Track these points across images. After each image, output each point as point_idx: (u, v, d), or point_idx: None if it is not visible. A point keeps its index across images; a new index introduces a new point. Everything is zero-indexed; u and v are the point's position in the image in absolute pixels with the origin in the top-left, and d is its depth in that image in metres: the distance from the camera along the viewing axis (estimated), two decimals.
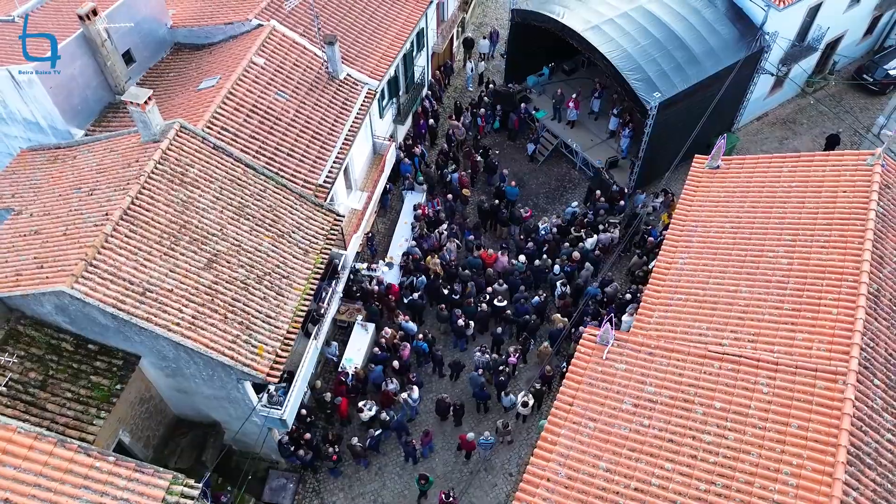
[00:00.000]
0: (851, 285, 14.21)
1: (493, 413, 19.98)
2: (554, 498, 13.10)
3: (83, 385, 14.73)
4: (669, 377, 14.15)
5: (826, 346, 13.47)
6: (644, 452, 13.19)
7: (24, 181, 18.33)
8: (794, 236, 15.93)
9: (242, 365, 14.71)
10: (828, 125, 27.56)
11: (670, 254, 17.05)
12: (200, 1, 23.46)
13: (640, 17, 22.73)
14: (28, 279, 14.55)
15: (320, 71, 20.58)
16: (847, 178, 16.52)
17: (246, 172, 17.33)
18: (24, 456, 12.18)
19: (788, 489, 11.75)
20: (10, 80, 18.93)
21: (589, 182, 24.65)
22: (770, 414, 12.85)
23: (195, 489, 13.20)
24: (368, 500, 18.60)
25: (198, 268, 15.41)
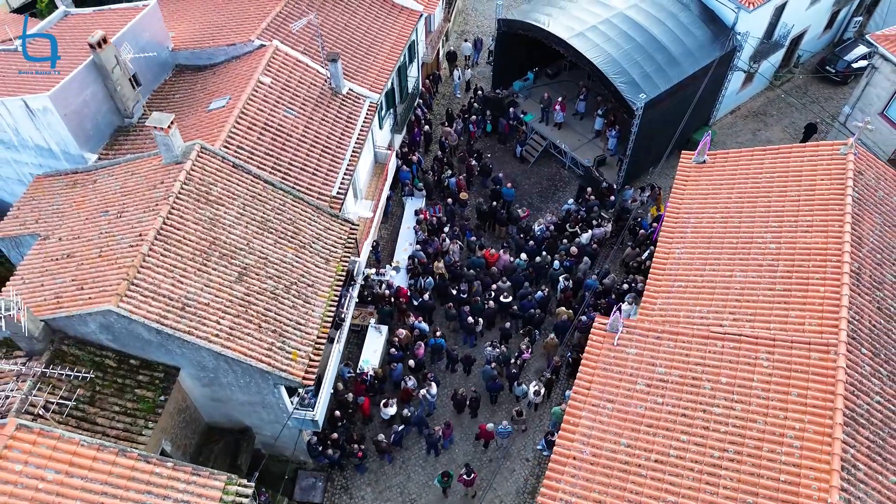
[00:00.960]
0: (835, 265, 15.68)
1: (506, 403, 21.12)
2: (581, 475, 14.29)
3: (129, 398, 15.48)
4: (677, 358, 15.45)
5: (817, 322, 14.90)
6: (660, 427, 14.46)
7: (46, 206, 18.92)
8: (779, 223, 17.38)
9: (279, 370, 15.62)
10: (796, 116, 29.33)
11: (667, 245, 18.39)
12: (198, 23, 24.15)
13: (621, 22, 24.10)
14: (70, 301, 15.24)
15: (324, 87, 21.49)
16: (823, 167, 18.05)
17: (265, 188, 18.20)
18: (90, 467, 12.98)
19: (794, 451, 13.11)
20: (25, 109, 19.47)
21: (580, 180, 25.95)
22: (771, 385, 14.22)
23: (248, 488, 14.14)
24: (395, 492, 19.60)
25: (230, 281, 16.26)
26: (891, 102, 23.95)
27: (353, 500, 19.57)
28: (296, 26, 20.35)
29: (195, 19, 24.56)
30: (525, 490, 19.62)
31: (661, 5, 24.84)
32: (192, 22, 24.37)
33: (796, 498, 12.54)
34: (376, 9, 24.64)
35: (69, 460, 12.86)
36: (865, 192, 17.43)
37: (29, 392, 14.53)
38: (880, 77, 23.84)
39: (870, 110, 24.64)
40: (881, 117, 24.33)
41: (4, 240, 18.97)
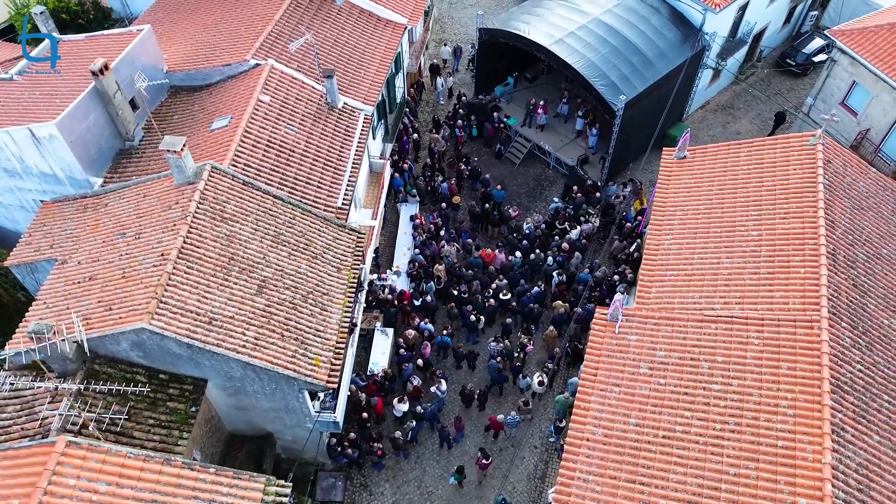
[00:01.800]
0: (813, 248, 17.11)
1: (512, 395, 22.22)
2: (595, 454, 15.44)
3: (162, 411, 16.16)
4: (675, 341, 16.71)
5: (800, 300, 16.28)
6: (665, 406, 15.68)
7: (59, 231, 19.42)
8: (759, 211, 18.78)
9: (305, 376, 16.46)
10: (762, 108, 31.03)
11: (656, 237, 19.67)
12: (189, 44, 24.73)
13: (597, 27, 25.39)
14: (100, 321, 15.86)
15: (320, 102, 22.31)
16: (795, 157, 19.51)
17: (275, 203, 18.98)
18: (138, 477, 13.69)
19: (788, 419, 14.43)
20: (30, 138, 19.90)
21: (565, 179, 27.19)
22: (763, 361, 15.54)
23: (286, 488, 14.98)
24: (413, 486, 20.55)
25: (251, 294, 17.04)
26: (850, 92, 25.63)
27: (372, 496, 20.46)
28: (294, 46, 21.11)
29: (185, 40, 25.12)
30: (535, 475, 20.75)
31: (634, 9, 26.21)
32: (183, 43, 24.93)
33: (793, 461, 13.84)
34: (363, 23, 25.52)
35: (118, 472, 13.56)
36: (835, 179, 18.92)
37: (67, 410, 15.14)
38: (839, 69, 25.53)
39: (831, 100, 26.34)
40: (841, 106, 26.02)
41: (20, 266, 19.39)
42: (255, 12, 24.84)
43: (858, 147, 25.37)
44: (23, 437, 15.40)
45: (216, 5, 26.66)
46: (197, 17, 26.62)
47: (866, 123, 25.32)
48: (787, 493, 13.44)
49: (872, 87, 24.56)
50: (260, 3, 25.29)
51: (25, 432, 15.48)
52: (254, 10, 24.97)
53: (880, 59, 23.85)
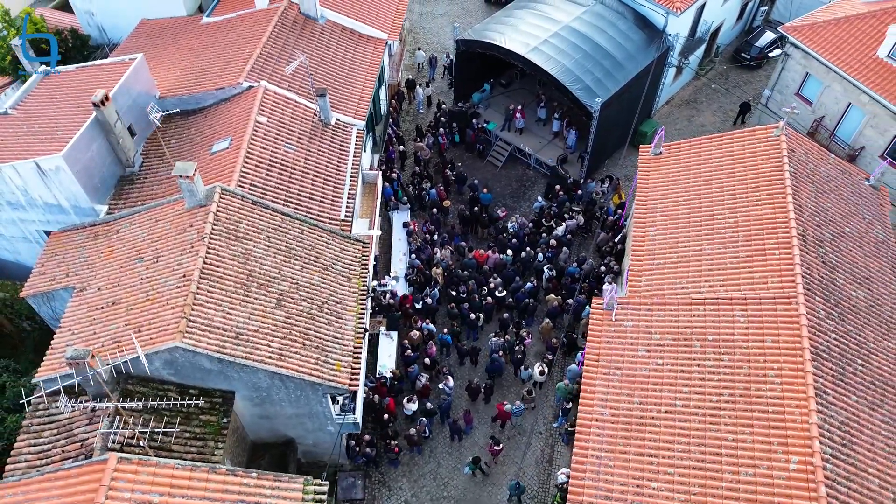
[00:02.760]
0: (785, 231, 18.79)
1: (514, 386, 23.51)
2: (605, 433, 16.83)
3: (196, 424, 16.99)
4: (668, 324, 18.21)
5: (777, 279, 17.93)
6: (664, 384, 17.16)
7: (73, 260, 20.02)
8: (733, 199, 20.43)
9: (328, 381, 17.48)
10: (722, 100, 32.96)
11: (641, 229, 21.18)
12: (179, 69, 25.38)
13: (569, 34, 26.86)
14: (130, 343, 16.61)
15: (314, 120, 23.25)
16: (762, 148, 21.23)
17: (284, 220, 19.91)
18: (188, 486, 14.57)
19: (776, 386, 16.01)
20: (36, 171, 20.42)
21: (548, 178, 28.62)
22: (749, 336, 17.13)
23: (324, 485, 16.00)
24: (429, 479, 21.69)
25: (271, 308, 17.97)
26: (804, 83, 27.61)
27: (391, 492, 21.53)
28: (290, 69, 22.01)
29: (174, 66, 25.76)
30: (543, 459, 22.10)
31: (601, 15, 27.78)
32: (172, 69, 25.56)
33: (784, 424, 15.40)
34: (346, 41, 26.50)
35: (169, 483, 14.41)
36: (799, 167, 20.68)
37: (108, 429, 15.88)
38: (793, 62, 27.50)
39: (787, 91, 28.33)
40: (797, 97, 28.02)
41: (36, 296, 19.92)
42: (241, 35, 25.65)
43: (815, 133, 27.37)
44: (64, 459, 16.11)
45: (200, 30, 27.39)
46: (182, 42, 27.27)
47: (820, 111, 27.33)
48: (781, 453, 14.99)
49: (824, 78, 26.56)
50: (243, 26, 26.12)
51: (67, 454, 16.19)
52: (239, 34, 25.78)
53: (830, 52, 25.84)
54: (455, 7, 37.63)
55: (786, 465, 14.81)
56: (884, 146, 25.49)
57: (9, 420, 18.67)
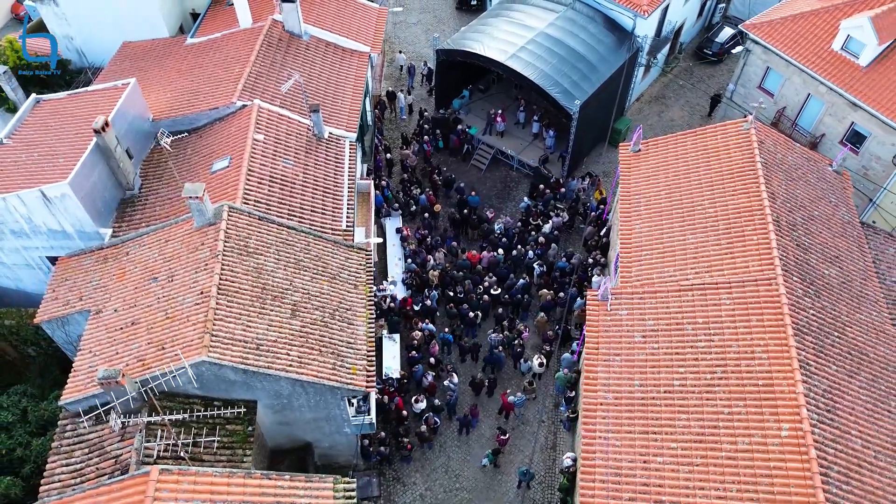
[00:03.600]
0: (761, 217, 20.27)
1: (514, 379, 24.65)
2: (610, 415, 18.06)
3: (223, 434, 17.72)
4: (660, 310, 19.53)
5: (757, 263, 19.38)
6: (661, 366, 18.46)
7: (85, 284, 20.52)
8: (711, 190, 21.87)
9: (346, 384, 18.37)
10: (689, 95, 34.63)
11: (627, 222, 22.50)
12: (169, 91, 25.90)
13: (544, 40, 28.11)
14: (156, 360, 17.28)
15: (308, 135, 24.04)
16: (734, 141, 22.74)
17: (290, 233, 20.71)
18: (227, 492, 15.35)
19: (763, 361, 17.43)
20: (41, 199, 20.84)
21: (530, 179, 29.85)
22: (736, 317, 18.53)
23: (352, 483, 16.91)
24: (441, 473, 22.71)
25: (286, 318, 18.78)
26: (765, 77, 29.33)
27: (406, 487, 22.49)
28: (285, 88, 22.76)
29: (163, 88, 26.24)
30: (547, 446, 23.30)
31: (573, 20, 29.10)
32: (162, 91, 26.04)
33: (773, 395, 16.81)
34: (331, 56, 27.32)
35: (209, 489, 15.18)
36: (769, 157, 22.23)
37: (141, 444, 16.55)
38: (754, 57, 29.20)
39: (750, 85, 30.03)
40: (759, 89, 29.74)
41: (51, 321, 20.35)
42: (228, 55, 26.27)
43: (778, 123, 29.10)
44: (99, 476, 16.69)
45: (185, 51, 27.90)
46: (168, 63, 27.75)
47: (782, 102, 29.07)
48: (773, 422, 16.39)
49: (784, 71, 28.29)
50: (230, 46, 26.74)
51: (102, 471, 16.77)
52: (226, 54, 26.40)
53: (788, 47, 27.56)
54: (427, 16, 38.66)
55: (778, 433, 16.20)
56: (842, 133, 27.30)
57: (34, 444, 19.13)
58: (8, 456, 18.82)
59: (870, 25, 24.98)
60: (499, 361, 24.12)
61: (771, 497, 15.33)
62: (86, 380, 17.91)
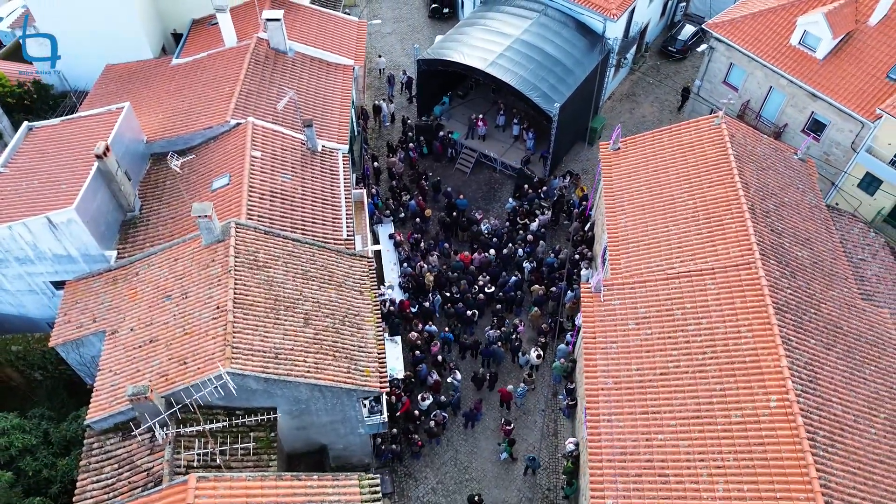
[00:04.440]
0: (737, 206, 21.74)
1: (514, 371, 25.82)
2: (611, 398, 19.32)
3: (247, 441, 18.50)
4: (650, 298, 20.87)
5: (736, 249, 20.82)
6: (655, 350, 19.79)
7: (97, 306, 21.04)
8: (689, 183, 23.31)
9: (361, 386, 19.30)
10: (657, 92, 36.24)
11: (613, 218, 23.80)
12: (160, 112, 26.41)
13: (521, 47, 29.33)
14: (179, 375, 18.00)
15: (302, 149, 24.84)
16: (707, 136, 24.23)
17: (295, 245, 21.52)
18: (261, 494, 16.17)
19: (749, 340, 18.84)
20: (47, 226, 21.28)
21: (514, 179, 31.06)
22: (721, 300, 19.94)
23: (376, 478, 17.83)
24: (450, 466, 23.76)
25: (300, 327, 19.63)
26: (729, 72, 31.01)
27: (417, 482, 23.48)
28: (281, 105, 23.54)
29: (153, 109, 26.72)
30: (549, 433, 24.52)
31: (546, 26, 30.39)
32: (153, 112, 26.51)
33: (759, 369, 18.23)
34: (316, 71, 28.12)
35: (245, 493, 15.98)
36: (740, 149, 23.77)
37: (171, 455, 17.26)
38: (718, 54, 30.85)
39: (715, 80, 31.69)
40: (724, 84, 31.41)
41: (65, 344, 20.83)
42: (216, 74, 26.89)
43: (743, 116, 30.79)
44: (132, 490, 17.35)
45: (172, 72, 28.40)
46: (155, 84, 28.23)
47: (746, 96, 30.77)
48: (762, 395, 17.81)
49: (747, 67, 29.99)
50: (217, 65, 27.34)
51: (134, 484, 17.43)
52: (215, 73, 27.01)
53: (749, 43, 29.24)
54: (401, 25, 39.63)
55: (766, 404, 17.62)
56: (803, 122, 29.08)
57: (60, 464, 19.62)
58: (35, 477, 19.29)
59: (824, 21, 26.74)
60: (498, 356, 25.25)
61: (765, 463, 16.73)
62: (109, 398, 18.52)
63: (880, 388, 19.11)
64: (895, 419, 18.41)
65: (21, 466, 19.23)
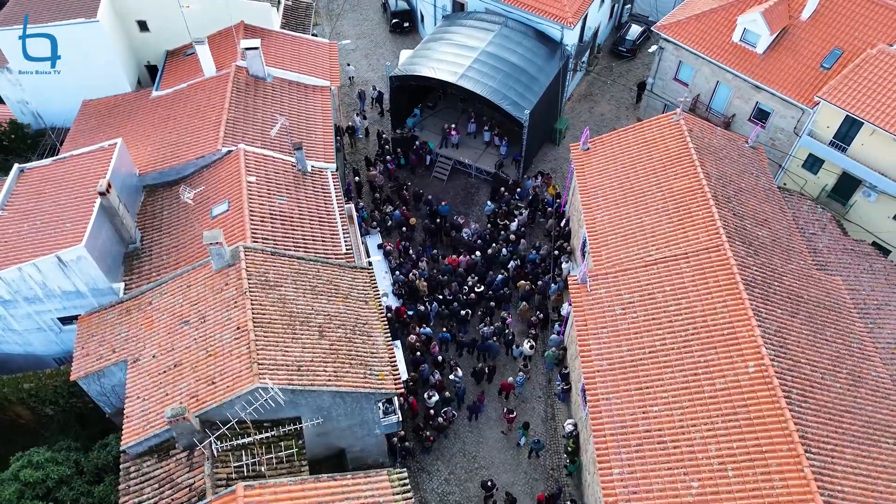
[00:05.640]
0: (702, 194, 23.96)
1: (509, 364, 27.57)
2: (608, 379, 21.24)
3: (278, 451, 19.73)
4: (633, 284, 22.89)
5: (705, 234, 23.03)
6: (642, 331, 21.79)
7: (114, 337, 21.87)
8: (656, 177, 25.46)
9: (379, 389, 20.74)
10: (613, 90, 38.55)
11: (590, 213, 25.78)
12: (148, 145, 27.18)
13: (487, 58, 31.11)
14: (210, 395, 19.12)
15: (293, 171, 26.04)
16: (668, 132, 26.44)
17: (300, 263, 22.77)
18: (303, 496, 17.49)
19: (724, 314, 20.99)
20: (57, 264, 22.00)
21: (490, 183, 32.83)
22: (696, 281, 22.08)
23: (403, 472, 19.30)
24: (460, 457, 25.36)
25: (315, 339, 20.92)
26: (678, 70, 33.44)
27: (431, 475, 25.01)
28: (274, 132, 24.70)
29: (141, 142, 27.45)
30: (547, 417, 26.36)
31: (508, 37, 32.24)
32: (141, 146, 27.24)
33: (736, 339, 20.38)
34: (296, 94, 29.29)
35: (289, 496, 17.27)
36: (698, 142, 26.05)
37: (211, 470, 18.39)
38: (667, 54, 33.25)
39: (666, 78, 34.11)
40: (675, 81, 33.85)
41: (87, 377, 21.59)
42: (200, 104, 27.82)
43: (695, 109, 33.27)
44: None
45: (153, 104, 29.17)
46: (138, 117, 28.95)
47: (695, 91, 33.26)
48: (740, 362, 19.97)
49: (694, 64, 32.46)
50: (199, 95, 28.25)
51: (177, 500, 18.50)
52: (198, 103, 27.94)
53: (695, 42, 31.68)
54: (365, 41, 40.97)
55: (745, 370, 19.80)
56: (749, 111, 31.70)
57: (96, 491, 20.45)
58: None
59: (762, 19, 29.33)
60: (493, 350, 26.97)
61: (749, 422, 18.87)
62: (142, 423, 19.50)
63: (840, 347, 21.55)
64: (856, 373, 20.84)
65: (59, 497, 20.01)
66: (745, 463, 18.26)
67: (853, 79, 27.51)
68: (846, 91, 27.36)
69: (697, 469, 18.62)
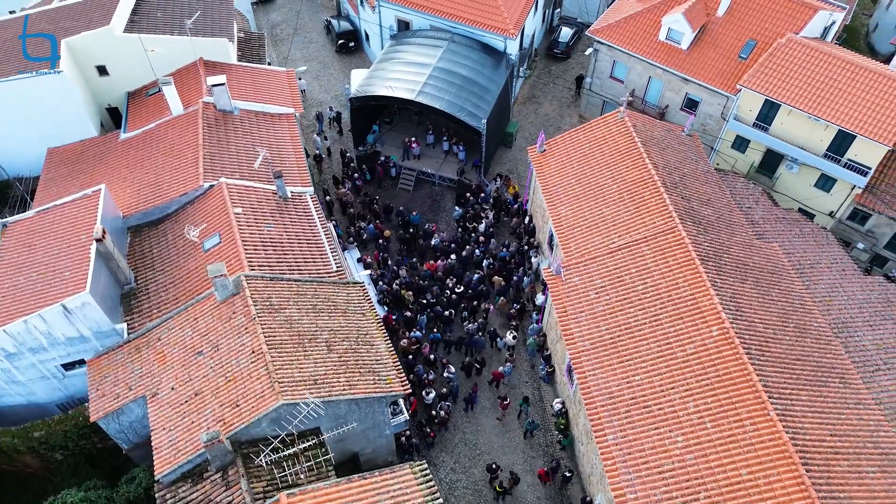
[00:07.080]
0: (652, 183, 26.70)
1: (496, 355, 29.73)
2: (592, 357, 23.64)
3: (304, 460, 21.25)
4: (602, 270, 25.41)
5: (660, 218, 25.72)
6: (616, 311, 24.31)
7: (127, 376, 22.83)
8: (610, 170, 28.08)
9: (388, 392, 22.53)
10: (553, 90, 41.23)
11: (555, 210, 28.19)
12: (127, 186, 27.93)
13: (440, 74, 33.13)
14: (236, 416, 20.48)
15: (275, 198, 27.40)
16: (615, 129, 29.13)
17: (299, 285, 24.24)
18: (338, 496, 19.14)
19: (686, 289, 23.71)
20: (62, 313, 22.79)
21: (455, 189, 34.90)
22: (659, 261, 24.75)
23: (423, 463, 21.15)
24: (461, 447, 27.36)
25: (325, 353, 22.51)
26: (613, 68, 36.35)
27: (437, 467, 26.92)
28: (257, 164, 25.99)
29: (117, 184, 28.11)
30: (535, 400, 28.67)
31: (457, 52, 34.35)
32: (119, 188, 27.94)
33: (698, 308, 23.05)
34: (264, 124, 30.55)
35: (326, 499, 18.90)
36: (643, 136, 28.83)
37: (248, 486, 19.78)
38: (602, 55, 36.10)
39: (603, 76, 36.98)
40: (611, 79, 36.76)
41: (107, 416, 22.47)
42: (173, 142, 28.74)
43: (632, 103, 36.22)
44: None
45: (123, 147, 29.83)
46: (109, 161, 29.58)
47: (631, 86, 36.24)
48: (705, 328, 22.68)
49: (627, 62, 35.41)
50: (171, 134, 29.11)
51: None
52: (170, 141, 28.85)
53: (626, 43, 34.62)
54: (313, 63, 42.29)
55: (710, 335, 22.56)
56: (680, 102, 34.88)
57: None
58: None
59: (683, 18, 32.44)
60: (480, 344, 29.09)
61: (719, 378, 21.62)
62: (172, 451, 20.69)
63: (785, 305, 24.66)
64: (801, 326, 23.98)
65: None
66: (720, 414, 20.98)
67: (768, 66, 30.92)
68: (763, 78, 30.73)
69: (680, 425, 21.24)
